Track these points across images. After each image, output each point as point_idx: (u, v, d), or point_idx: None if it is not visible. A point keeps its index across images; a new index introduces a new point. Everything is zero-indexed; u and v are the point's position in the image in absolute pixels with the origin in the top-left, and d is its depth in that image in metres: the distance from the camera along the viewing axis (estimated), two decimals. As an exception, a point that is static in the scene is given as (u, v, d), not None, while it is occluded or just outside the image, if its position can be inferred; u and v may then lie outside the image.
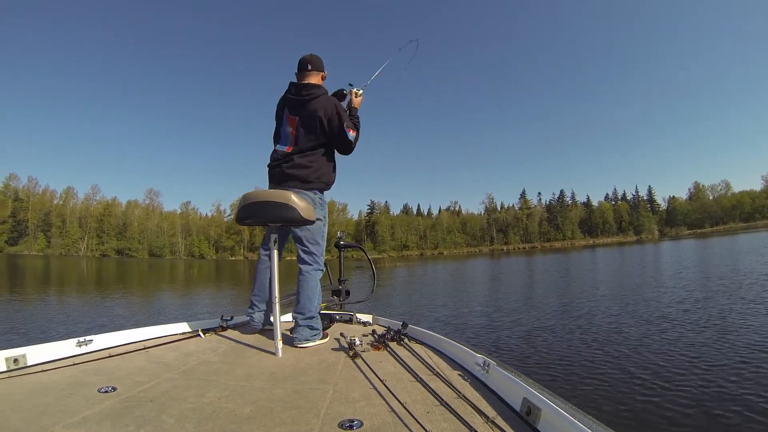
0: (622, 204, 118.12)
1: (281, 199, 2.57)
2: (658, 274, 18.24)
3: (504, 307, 11.94)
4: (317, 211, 2.90)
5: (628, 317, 9.09)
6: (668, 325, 8.10)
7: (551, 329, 8.45)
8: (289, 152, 2.98)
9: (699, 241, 54.68)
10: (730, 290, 11.33)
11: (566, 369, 5.81)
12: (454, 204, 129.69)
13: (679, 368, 5.52)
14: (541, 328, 8.66)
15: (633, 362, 5.94)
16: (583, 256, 41.33)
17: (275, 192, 2.64)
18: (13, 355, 2.12)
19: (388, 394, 1.76)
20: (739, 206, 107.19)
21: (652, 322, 8.38)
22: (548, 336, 7.90)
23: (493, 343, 7.67)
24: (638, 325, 8.31)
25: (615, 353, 6.46)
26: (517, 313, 10.75)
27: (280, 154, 3.01)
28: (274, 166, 3.02)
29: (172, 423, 1.52)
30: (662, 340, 7.00)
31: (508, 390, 1.68)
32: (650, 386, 4.96)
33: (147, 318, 11.62)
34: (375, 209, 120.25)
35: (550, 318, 9.67)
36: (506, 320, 9.71)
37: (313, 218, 2.76)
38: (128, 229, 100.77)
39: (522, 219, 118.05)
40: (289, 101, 3.06)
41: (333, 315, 3.55)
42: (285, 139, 3.04)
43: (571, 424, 1.20)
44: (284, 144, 3.03)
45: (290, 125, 3.02)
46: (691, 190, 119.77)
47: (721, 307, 9.20)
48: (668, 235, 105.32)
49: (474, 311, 11.25)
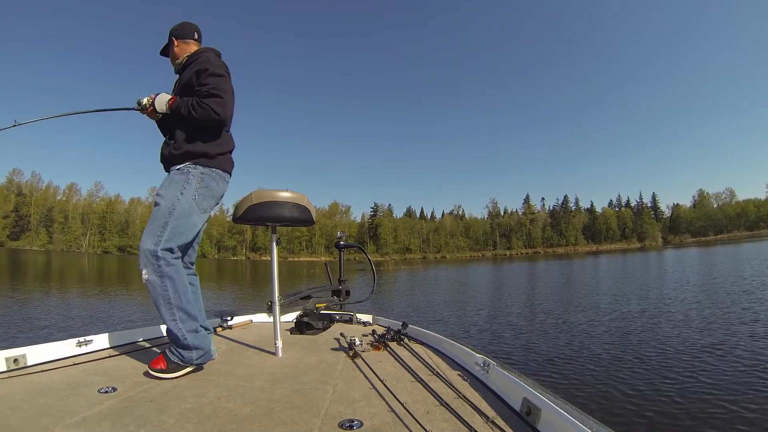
0: (625, 211, 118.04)
1: (297, 201, 2.56)
2: (660, 280, 18.16)
3: (505, 309, 11.93)
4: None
5: (629, 319, 9.09)
6: (668, 326, 8.12)
7: (551, 330, 8.45)
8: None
9: (702, 249, 54.43)
10: (732, 297, 11.29)
11: (566, 369, 5.80)
12: (457, 208, 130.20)
13: (679, 369, 5.52)
14: (541, 329, 8.67)
15: (633, 362, 5.94)
16: (586, 263, 41.19)
17: (292, 194, 2.58)
18: (13, 355, 2.13)
19: (388, 394, 1.76)
20: (744, 214, 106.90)
21: (652, 324, 8.38)
22: (548, 336, 7.90)
23: (493, 343, 7.67)
24: (638, 326, 8.32)
25: (615, 353, 6.47)
26: (518, 314, 10.74)
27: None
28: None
29: (172, 423, 1.52)
30: (662, 341, 7.00)
31: (508, 390, 1.68)
32: (650, 386, 4.95)
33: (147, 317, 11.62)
34: (378, 211, 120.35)
35: (550, 319, 9.67)
36: (507, 321, 9.70)
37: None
38: (130, 226, 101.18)
39: (525, 224, 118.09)
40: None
41: (333, 315, 3.55)
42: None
43: (571, 424, 1.19)
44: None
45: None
46: (695, 197, 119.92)
47: (722, 311, 9.22)
48: (672, 242, 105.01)
49: (475, 313, 11.21)
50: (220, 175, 2.43)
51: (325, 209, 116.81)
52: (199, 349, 2.18)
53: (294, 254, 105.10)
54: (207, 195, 2.36)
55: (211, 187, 2.38)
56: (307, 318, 3.22)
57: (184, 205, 2.25)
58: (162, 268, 2.14)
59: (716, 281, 15.66)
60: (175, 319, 2.15)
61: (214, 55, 2.47)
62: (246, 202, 2.51)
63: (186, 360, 2.13)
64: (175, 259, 2.21)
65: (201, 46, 2.61)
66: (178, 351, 2.13)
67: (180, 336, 2.13)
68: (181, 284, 2.20)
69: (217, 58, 2.46)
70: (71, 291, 18.93)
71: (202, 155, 2.34)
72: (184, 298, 2.20)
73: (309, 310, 3.36)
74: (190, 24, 2.62)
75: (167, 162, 2.40)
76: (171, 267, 2.17)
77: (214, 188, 2.40)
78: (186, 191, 2.27)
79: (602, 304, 11.64)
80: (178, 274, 2.20)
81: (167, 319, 2.16)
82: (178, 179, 2.29)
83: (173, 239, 2.19)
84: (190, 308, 2.22)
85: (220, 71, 2.38)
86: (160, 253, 2.13)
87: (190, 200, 2.27)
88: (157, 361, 2.10)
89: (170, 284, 2.15)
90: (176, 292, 2.17)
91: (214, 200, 2.43)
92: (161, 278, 2.13)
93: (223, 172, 2.46)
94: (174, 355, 2.12)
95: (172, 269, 2.17)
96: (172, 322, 2.15)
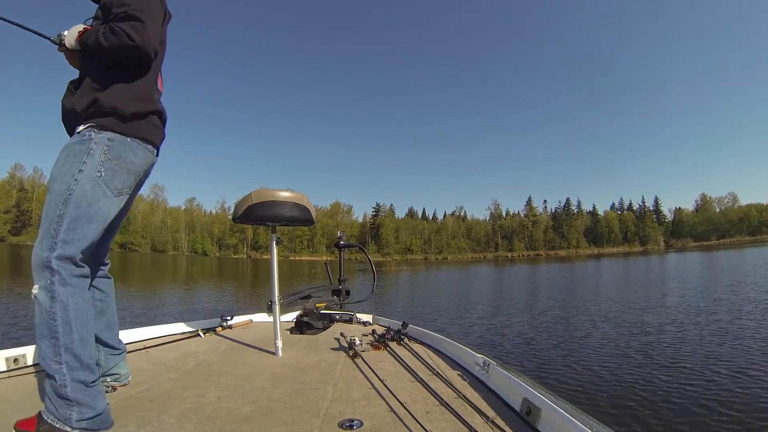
0: (628, 214, 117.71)
1: (297, 201, 2.55)
2: (662, 283, 18.14)
3: (506, 309, 11.94)
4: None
5: (629, 321, 9.08)
6: (669, 328, 8.15)
7: (552, 330, 8.47)
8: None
9: (705, 254, 54.30)
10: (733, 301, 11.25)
11: (566, 369, 5.81)
12: (459, 209, 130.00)
13: (678, 369, 5.54)
14: (541, 329, 8.68)
15: (633, 363, 5.95)
16: (587, 266, 41.15)
17: (292, 193, 2.56)
18: (13, 355, 2.12)
19: (388, 394, 1.76)
20: (746, 219, 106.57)
21: (653, 326, 8.38)
22: (548, 337, 7.91)
23: (494, 343, 7.68)
24: (639, 328, 8.31)
25: (615, 354, 6.48)
26: (519, 315, 10.74)
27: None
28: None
29: (172, 423, 1.52)
30: (662, 342, 7.02)
31: (508, 390, 1.69)
32: (650, 387, 4.95)
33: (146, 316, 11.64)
34: (380, 212, 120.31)
35: (550, 320, 9.68)
36: (507, 322, 9.71)
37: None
38: (132, 223, 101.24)
39: (527, 226, 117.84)
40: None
41: (333, 315, 3.55)
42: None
43: (571, 424, 1.20)
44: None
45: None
46: (697, 201, 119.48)
47: (724, 314, 9.22)
48: (674, 246, 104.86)
49: (476, 313, 11.20)
50: (138, 144, 1.73)
51: (327, 209, 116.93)
52: (85, 408, 1.46)
53: (295, 253, 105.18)
54: (119, 169, 1.67)
55: (124, 158, 1.68)
56: (307, 318, 3.22)
57: (86, 187, 1.57)
58: (55, 288, 1.49)
59: (718, 286, 15.59)
60: (59, 362, 1.47)
61: None
62: (246, 201, 2.50)
63: (62, 419, 1.43)
64: (78, 274, 1.55)
65: None
66: (54, 404, 1.46)
67: (59, 384, 1.45)
68: (77, 315, 1.52)
69: None
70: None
71: (111, 111, 1.65)
72: (78, 336, 1.50)
73: (309, 309, 3.37)
74: None
75: (69, 121, 1.76)
76: (67, 288, 1.50)
77: (129, 160, 1.70)
78: (87, 167, 1.59)
79: (603, 306, 11.64)
80: (77, 299, 1.53)
81: (48, 358, 1.48)
82: (77, 150, 1.61)
83: (74, 240, 1.53)
84: (84, 352, 1.52)
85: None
86: (54, 264, 1.49)
87: (93, 179, 1.59)
88: (26, 422, 1.47)
89: (61, 312, 1.48)
90: (67, 325, 1.49)
91: (133, 177, 1.74)
92: (51, 301, 1.48)
93: (141, 142, 1.74)
94: (49, 412, 1.46)
95: (67, 291, 1.50)
96: (55, 365, 1.47)
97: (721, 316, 9.20)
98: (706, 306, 10.75)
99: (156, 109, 1.84)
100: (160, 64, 1.90)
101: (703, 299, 12.16)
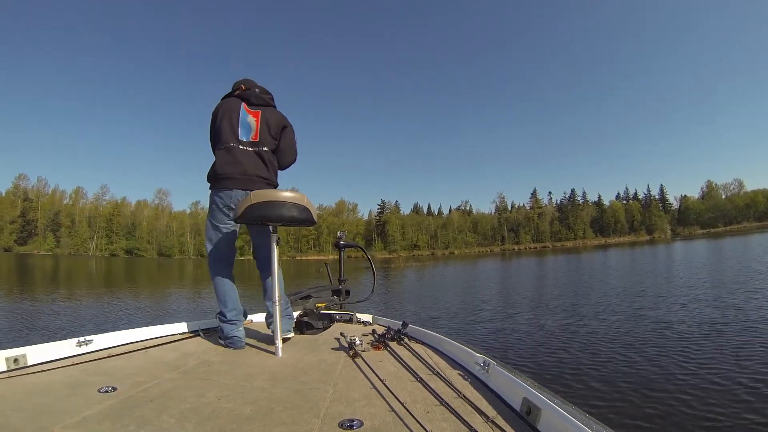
0: (633, 203, 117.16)
1: (297, 201, 2.55)
2: (668, 276, 17.98)
3: (507, 307, 11.89)
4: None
5: (631, 319, 8.97)
6: (670, 326, 7.99)
7: (552, 330, 8.41)
8: (255, 141, 2.84)
9: (712, 241, 53.89)
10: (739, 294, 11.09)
11: (566, 369, 5.77)
12: (464, 203, 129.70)
13: (679, 369, 5.47)
14: (542, 328, 8.63)
15: (633, 363, 5.89)
16: (594, 257, 41.00)
17: (291, 193, 2.57)
18: (13, 355, 2.13)
19: (388, 394, 1.75)
20: (753, 205, 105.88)
21: (654, 324, 8.27)
22: (549, 336, 7.87)
23: (494, 342, 7.66)
24: (640, 326, 8.19)
25: (615, 354, 6.41)
26: (520, 313, 10.69)
27: (245, 142, 2.82)
28: (240, 151, 2.80)
29: (172, 423, 1.51)
30: (663, 341, 6.92)
31: (508, 390, 1.67)
32: (650, 386, 4.92)
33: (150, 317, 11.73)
34: (385, 209, 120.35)
35: (551, 318, 9.61)
36: (508, 320, 9.67)
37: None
38: (137, 228, 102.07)
39: (533, 218, 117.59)
40: (247, 96, 2.92)
41: (333, 315, 3.55)
42: (247, 129, 2.85)
43: (571, 424, 1.18)
44: (247, 133, 2.84)
45: (252, 116, 2.87)
46: (703, 189, 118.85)
47: (726, 310, 9.04)
48: (681, 234, 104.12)
49: (481, 312, 11.19)
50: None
51: (332, 208, 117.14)
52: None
53: (302, 253, 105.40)
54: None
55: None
56: (307, 318, 3.22)
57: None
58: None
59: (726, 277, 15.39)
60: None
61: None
62: (246, 201, 2.51)
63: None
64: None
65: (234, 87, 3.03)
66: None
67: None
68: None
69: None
70: (79, 293, 19.11)
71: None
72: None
73: (309, 309, 3.37)
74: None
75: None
76: None
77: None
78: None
79: (606, 303, 11.48)
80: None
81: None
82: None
83: None
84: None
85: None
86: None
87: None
88: None
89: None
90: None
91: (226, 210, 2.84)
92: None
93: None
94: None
95: None
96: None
97: (726, 312, 8.94)
98: (710, 301, 10.48)
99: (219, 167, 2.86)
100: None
101: (708, 293, 11.88)
